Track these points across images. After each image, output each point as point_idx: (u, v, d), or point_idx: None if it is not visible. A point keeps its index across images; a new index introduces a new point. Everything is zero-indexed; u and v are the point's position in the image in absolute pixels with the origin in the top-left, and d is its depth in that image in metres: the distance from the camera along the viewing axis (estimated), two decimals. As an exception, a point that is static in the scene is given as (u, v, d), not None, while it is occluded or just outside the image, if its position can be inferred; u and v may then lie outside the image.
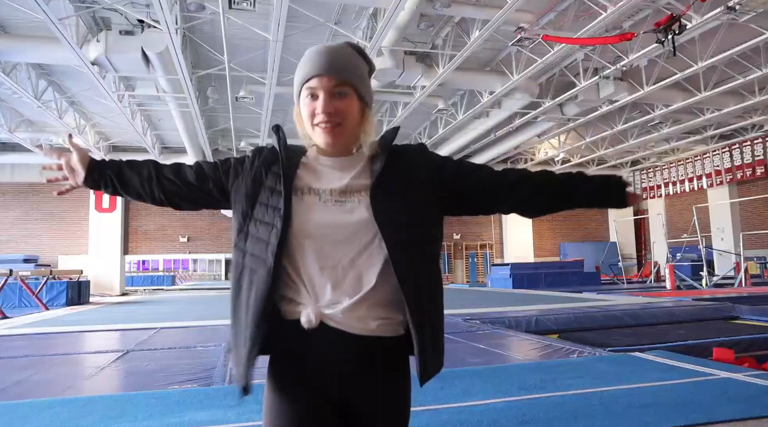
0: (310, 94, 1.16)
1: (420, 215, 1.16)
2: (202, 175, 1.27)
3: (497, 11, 8.26)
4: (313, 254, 1.11)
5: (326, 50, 1.17)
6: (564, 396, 2.98)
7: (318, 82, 1.14)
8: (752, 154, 17.47)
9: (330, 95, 1.14)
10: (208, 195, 1.27)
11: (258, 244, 1.12)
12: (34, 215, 17.52)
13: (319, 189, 1.15)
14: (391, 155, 1.18)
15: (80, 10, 8.59)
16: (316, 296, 1.10)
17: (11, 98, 12.87)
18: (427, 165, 1.22)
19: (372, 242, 1.11)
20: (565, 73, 12.18)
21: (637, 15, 9.45)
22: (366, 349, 1.11)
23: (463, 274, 21.19)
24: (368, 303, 1.10)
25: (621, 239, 20.55)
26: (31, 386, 3.61)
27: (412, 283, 1.10)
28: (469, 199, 1.26)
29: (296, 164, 1.20)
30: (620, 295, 11.08)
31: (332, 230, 1.11)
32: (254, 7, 8.20)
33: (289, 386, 1.12)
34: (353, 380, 1.12)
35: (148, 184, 1.28)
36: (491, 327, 6.19)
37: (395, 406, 1.16)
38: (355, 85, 1.17)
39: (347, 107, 1.15)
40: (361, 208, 1.12)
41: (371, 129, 1.21)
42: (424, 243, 1.16)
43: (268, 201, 1.14)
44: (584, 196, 1.30)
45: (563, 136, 17.84)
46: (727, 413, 2.55)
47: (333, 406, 1.12)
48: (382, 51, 9.96)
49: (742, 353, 4.85)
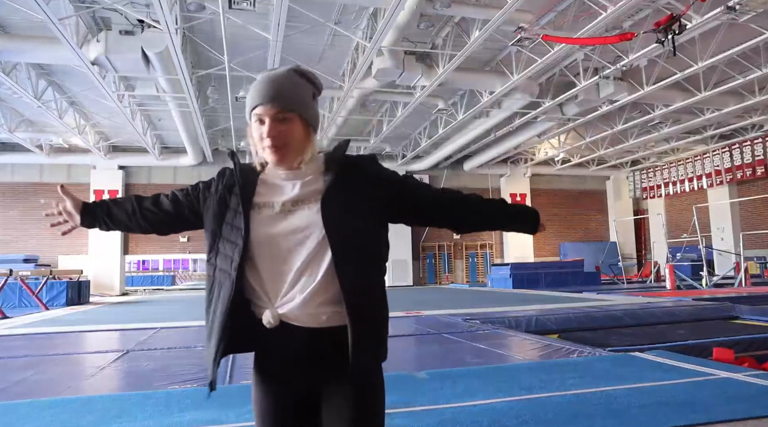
0: (258, 120, 1.29)
1: (364, 220, 1.28)
2: (177, 201, 1.43)
3: (497, 11, 8.26)
4: (269, 261, 1.25)
5: (271, 80, 1.30)
6: (564, 396, 2.98)
7: (263, 109, 1.27)
8: (752, 154, 17.46)
9: (274, 121, 1.27)
10: (185, 219, 1.43)
11: (225, 260, 1.27)
12: (34, 214, 17.49)
13: (275, 202, 1.29)
14: (343, 166, 1.31)
15: (80, 10, 8.59)
16: (274, 297, 1.24)
17: (11, 98, 12.86)
18: (375, 177, 1.35)
19: (320, 244, 1.23)
20: (565, 73, 12.18)
21: (637, 15, 9.45)
22: (322, 341, 1.24)
23: (463, 274, 21.18)
24: (318, 300, 1.23)
25: (621, 239, 20.54)
26: (31, 386, 3.61)
27: (350, 279, 1.22)
28: (409, 213, 1.41)
29: (254, 182, 1.34)
30: (620, 295, 11.09)
31: (284, 237, 1.25)
32: (254, 7, 8.19)
33: (264, 378, 1.30)
34: (316, 373, 1.25)
35: (133, 216, 1.46)
36: (491, 327, 6.19)
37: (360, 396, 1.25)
38: (297, 111, 1.29)
39: (290, 131, 1.28)
40: (311, 213, 1.25)
41: (314, 147, 1.34)
42: (366, 245, 1.28)
43: (232, 221, 1.29)
44: (504, 222, 1.52)
45: (563, 136, 17.84)
46: (727, 413, 2.55)
47: (301, 397, 1.27)
48: (382, 51, 9.96)
49: (742, 353, 4.85)
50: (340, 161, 1.33)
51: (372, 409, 1.27)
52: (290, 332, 1.23)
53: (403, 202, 1.38)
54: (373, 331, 1.26)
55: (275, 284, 1.24)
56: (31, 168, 17.88)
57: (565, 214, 22.37)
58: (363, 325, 1.23)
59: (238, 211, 1.28)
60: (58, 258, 17.70)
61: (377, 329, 1.28)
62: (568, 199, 22.52)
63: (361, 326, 1.22)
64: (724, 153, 18.37)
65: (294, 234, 1.24)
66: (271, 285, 1.24)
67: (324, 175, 1.30)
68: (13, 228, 17.66)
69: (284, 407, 1.27)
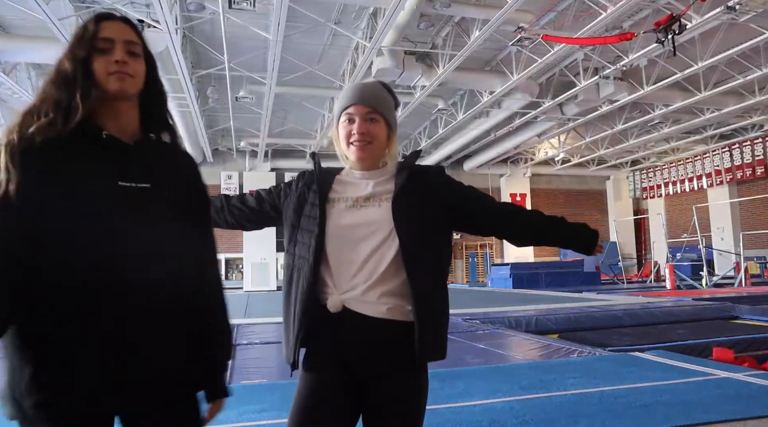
0: (348, 119, 1.44)
1: (430, 222, 1.40)
2: (260, 198, 1.57)
3: (497, 11, 8.26)
4: (339, 250, 1.36)
5: (363, 86, 1.48)
6: (564, 396, 2.98)
7: (355, 109, 1.43)
8: (752, 154, 17.45)
9: (363, 120, 1.43)
10: (267, 214, 1.56)
11: (303, 247, 1.39)
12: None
13: (349, 197, 1.42)
14: (412, 172, 1.44)
15: (80, 10, 8.58)
16: (339, 285, 1.35)
17: (11, 98, 12.85)
18: (441, 184, 1.48)
19: (387, 238, 1.34)
20: (565, 73, 12.18)
21: (637, 15, 9.45)
22: (382, 331, 1.33)
23: (463, 274, 21.16)
24: (380, 291, 1.33)
25: (621, 239, 20.54)
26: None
27: (417, 275, 1.32)
28: (472, 221, 1.52)
29: (331, 181, 1.47)
30: (620, 295, 11.08)
31: (354, 229, 1.37)
32: (254, 7, 8.19)
33: (320, 361, 1.37)
34: (374, 360, 1.33)
35: (221, 212, 1.60)
36: (491, 327, 6.19)
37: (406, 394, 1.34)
38: (383, 114, 1.45)
39: (377, 130, 1.44)
40: (382, 210, 1.38)
41: (395, 149, 1.51)
42: (431, 245, 1.39)
43: (309, 213, 1.42)
44: (560, 239, 1.59)
45: (563, 136, 17.84)
46: (726, 413, 2.55)
47: (352, 381, 1.34)
48: (382, 51, 9.96)
49: (742, 352, 4.85)
50: (411, 167, 1.46)
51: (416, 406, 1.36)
52: (352, 318, 1.33)
53: (466, 210, 1.49)
54: (437, 328, 1.38)
55: (342, 273, 1.35)
56: (31, 168, 17.89)
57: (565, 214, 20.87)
58: (427, 320, 1.32)
59: (315, 204, 1.41)
60: (58, 258, 17.70)
61: (440, 327, 1.40)
62: (568, 199, 22.52)
63: (425, 320, 1.32)
64: (724, 153, 18.37)
65: (364, 227, 1.37)
66: (338, 273, 1.35)
67: (396, 179, 1.43)
68: (13, 228, 17.66)
69: (333, 388, 1.34)
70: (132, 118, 1.20)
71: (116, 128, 1.16)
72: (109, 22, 1.17)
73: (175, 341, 1.15)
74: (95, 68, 1.13)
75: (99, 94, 1.13)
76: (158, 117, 1.25)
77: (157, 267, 1.13)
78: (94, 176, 1.11)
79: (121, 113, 1.18)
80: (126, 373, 1.08)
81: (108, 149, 1.14)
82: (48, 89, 1.15)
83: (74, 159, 1.10)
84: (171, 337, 1.15)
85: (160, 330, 1.13)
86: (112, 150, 1.14)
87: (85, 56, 1.14)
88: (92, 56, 1.14)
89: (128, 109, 1.19)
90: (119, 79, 1.13)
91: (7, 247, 1.03)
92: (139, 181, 1.14)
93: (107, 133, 1.14)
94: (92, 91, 1.12)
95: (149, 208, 1.14)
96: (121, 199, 1.11)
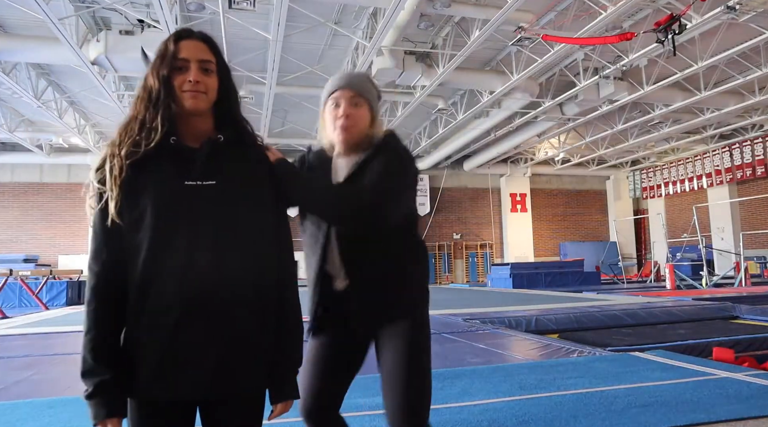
0: (335, 104, 1.56)
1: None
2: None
3: (497, 11, 8.26)
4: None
5: (349, 73, 1.63)
6: (564, 396, 2.98)
7: (341, 92, 1.56)
8: (752, 153, 17.45)
9: (349, 104, 1.54)
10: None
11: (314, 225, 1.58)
12: (34, 214, 17.48)
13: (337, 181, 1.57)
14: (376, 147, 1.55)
15: (80, 10, 8.58)
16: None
17: (11, 98, 12.86)
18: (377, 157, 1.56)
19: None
20: (565, 73, 12.18)
21: (637, 15, 9.45)
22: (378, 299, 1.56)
23: (463, 274, 21.14)
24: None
25: (621, 239, 20.53)
26: (31, 386, 3.61)
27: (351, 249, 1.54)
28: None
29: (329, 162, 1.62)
30: (620, 295, 11.08)
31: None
32: (254, 7, 8.19)
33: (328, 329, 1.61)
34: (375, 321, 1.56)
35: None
36: (491, 327, 6.19)
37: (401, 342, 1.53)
38: (368, 98, 1.58)
39: (361, 115, 1.55)
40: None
41: (380, 130, 1.61)
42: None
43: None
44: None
45: (563, 136, 17.83)
46: (726, 413, 2.55)
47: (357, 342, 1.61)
48: (382, 51, 9.96)
49: (742, 352, 4.86)
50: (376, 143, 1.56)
51: (418, 343, 1.55)
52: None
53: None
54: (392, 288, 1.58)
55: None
56: (31, 168, 17.86)
57: (565, 214, 22.36)
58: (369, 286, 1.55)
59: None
60: (58, 258, 17.68)
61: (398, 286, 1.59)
62: (568, 199, 22.52)
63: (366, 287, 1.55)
64: (724, 153, 18.36)
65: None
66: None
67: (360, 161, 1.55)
68: (13, 228, 17.63)
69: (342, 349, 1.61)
70: (205, 125, 1.32)
71: (188, 135, 1.29)
72: (186, 42, 1.29)
73: (245, 338, 1.22)
74: (175, 85, 1.27)
75: (177, 109, 1.26)
76: (229, 119, 1.35)
77: (228, 263, 1.21)
78: (163, 181, 1.23)
79: (195, 123, 1.30)
80: (203, 366, 1.17)
81: (176, 154, 1.25)
82: (137, 106, 1.29)
83: (147, 169, 1.23)
84: (242, 334, 1.22)
85: (230, 327, 1.20)
86: (179, 154, 1.26)
87: (166, 74, 1.26)
88: (173, 74, 1.27)
89: (202, 121, 1.32)
90: (192, 97, 1.26)
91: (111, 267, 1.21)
92: (204, 180, 1.24)
93: (174, 139, 1.26)
94: (172, 106, 1.26)
95: (217, 202, 1.24)
96: (189, 197, 1.22)
